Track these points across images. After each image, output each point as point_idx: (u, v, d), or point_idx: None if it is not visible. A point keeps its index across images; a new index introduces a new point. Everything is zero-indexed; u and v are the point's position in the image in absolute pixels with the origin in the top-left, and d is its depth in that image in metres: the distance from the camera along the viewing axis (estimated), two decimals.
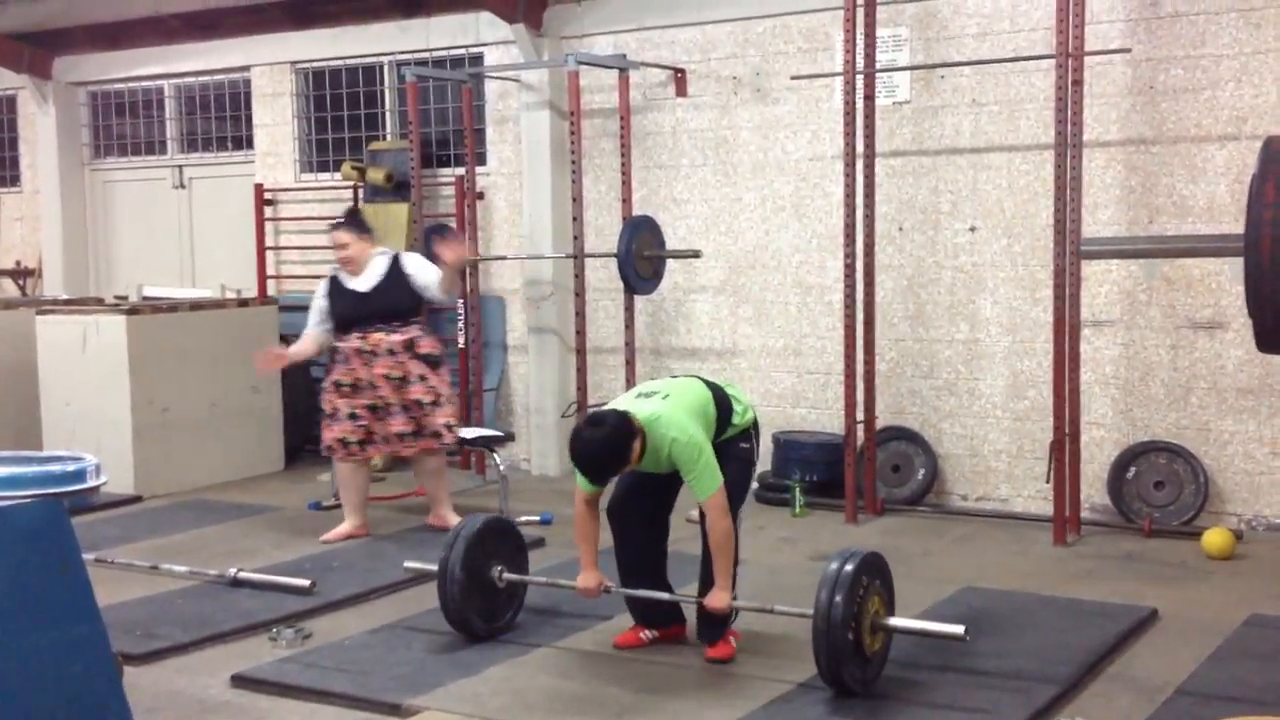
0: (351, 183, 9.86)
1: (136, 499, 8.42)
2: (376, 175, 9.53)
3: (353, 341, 7.13)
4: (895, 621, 4.85)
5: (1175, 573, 6.45)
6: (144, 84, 11.33)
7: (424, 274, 7.19)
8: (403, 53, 9.81)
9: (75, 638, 3.65)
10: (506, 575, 5.52)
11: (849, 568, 4.67)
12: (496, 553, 5.54)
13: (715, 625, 5.20)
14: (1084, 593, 6.06)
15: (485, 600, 5.47)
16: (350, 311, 7.18)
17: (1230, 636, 5.38)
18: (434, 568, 5.51)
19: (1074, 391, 7.09)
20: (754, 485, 5.52)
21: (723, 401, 5.22)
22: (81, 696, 3.69)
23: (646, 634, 5.38)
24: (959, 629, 4.79)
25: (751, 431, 5.34)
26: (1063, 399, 7.00)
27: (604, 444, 4.92)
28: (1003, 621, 5.57)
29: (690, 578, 5.35)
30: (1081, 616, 5.65)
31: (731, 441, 5.22)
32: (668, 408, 5.02)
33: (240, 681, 5.05)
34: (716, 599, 5.05)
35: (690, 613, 5.35)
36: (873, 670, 4.79)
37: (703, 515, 5.09)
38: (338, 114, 10.28)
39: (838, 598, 4.59)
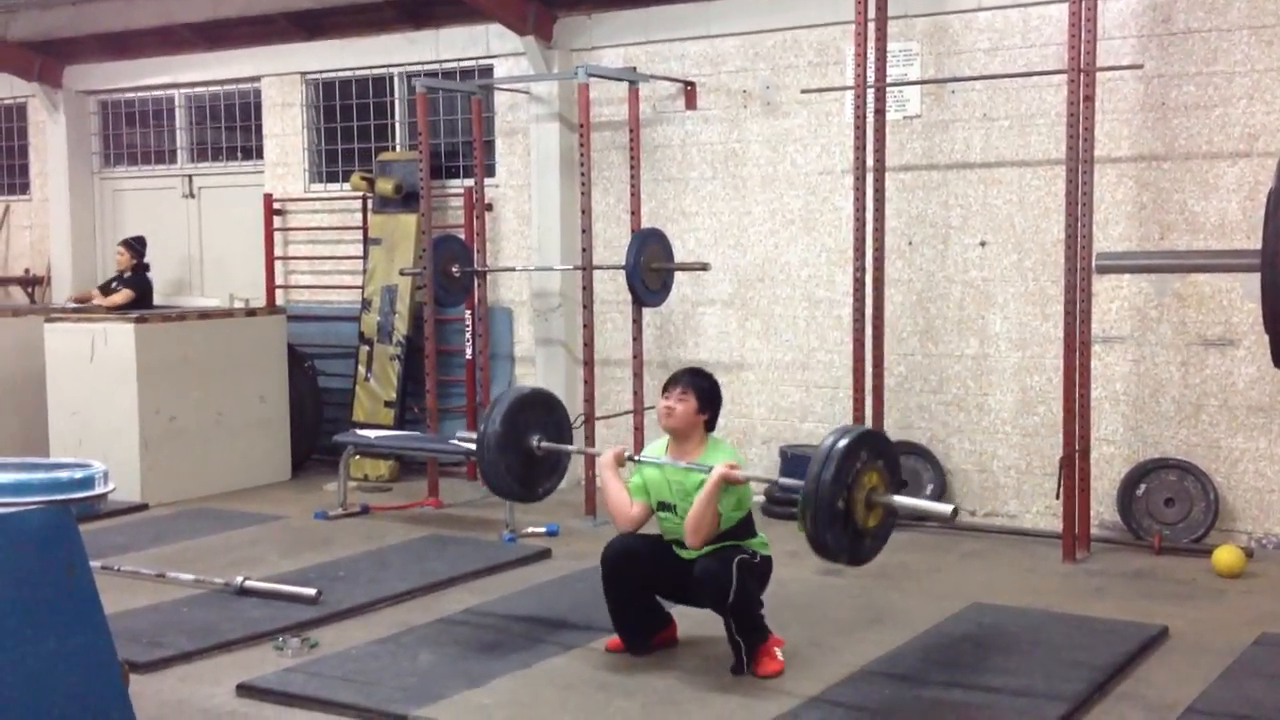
0: (360, 193, 9.87)
1: (143, 507, 8.41)
2: (385, 186, 9.53)
3: None
4: (890, 498, 4.72)
5: (1185, 591, 6.42)
6: (154, 93, 11.35)
7: None
8: (412, 64, 9.81)
9: (80, 645, 3.64)
10: (544, 444, 5.62)
11: (845, 440, 4.60)
12: (537, 424, 5.64)
13: (751, 633, 5.10)
14: (1093, 610, 6.04)
15: (522, 466, 5.59)
16: None
17: (1241, 655, 5.35)
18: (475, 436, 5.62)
19: (1084, 407, 7.06)
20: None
21: (751, 515, 5.30)
22: (86, 704, 3.68)
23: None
24: (947, 508, 4.77)
25: (762, 559, 5.27)
26: (1072, 415, 6.97)
27: (709, 376, 5.39)
28: (1012, 638, 5.55)
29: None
30: (1091, 634, 5.62)
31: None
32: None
33: (246, 691, 5.03)
34: (719, 471, 5.00)
35: (701, 630, 5.32)
36: (865, 547, 4.72)
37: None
38: (347, 124, 10.28)
39: (829, 468, 4.51)
